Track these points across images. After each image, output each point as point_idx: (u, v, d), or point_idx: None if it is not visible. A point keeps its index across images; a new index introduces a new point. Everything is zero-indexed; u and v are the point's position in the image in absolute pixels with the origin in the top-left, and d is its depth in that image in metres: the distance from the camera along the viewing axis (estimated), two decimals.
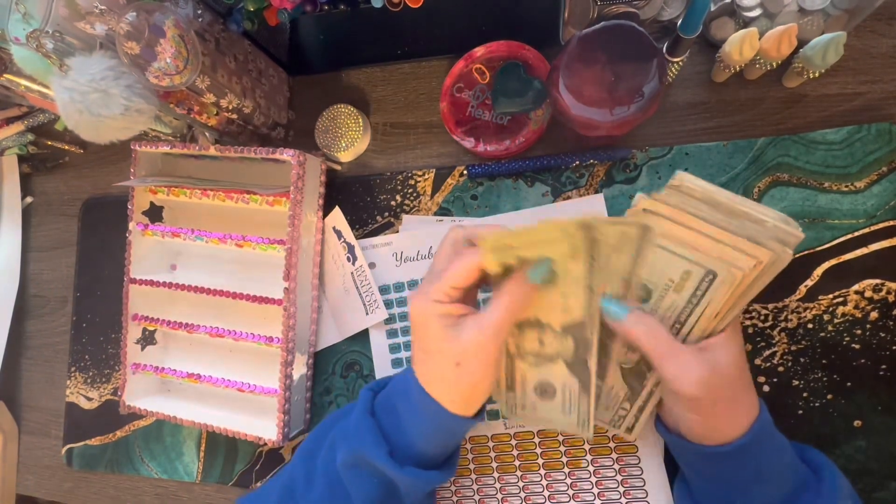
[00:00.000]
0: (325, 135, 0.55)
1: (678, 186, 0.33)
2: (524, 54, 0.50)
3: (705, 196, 0.33)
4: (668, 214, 0.33)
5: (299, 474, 0.41)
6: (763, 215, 0.32)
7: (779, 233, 0.32)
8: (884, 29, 0.45)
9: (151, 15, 0.40)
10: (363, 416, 0.38)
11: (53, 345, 0.64)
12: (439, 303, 0.35)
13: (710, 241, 0.32)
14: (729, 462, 0.34)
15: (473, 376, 0.35)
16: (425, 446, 0.37)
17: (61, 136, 0.66)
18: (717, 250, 0.32)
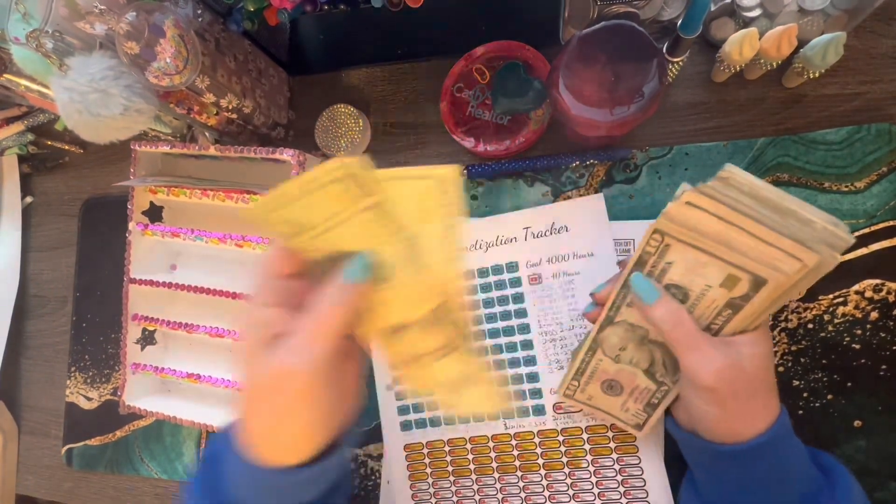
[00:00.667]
0: (325, 135, 0.55)
1: (726, 178, 0.31)
2: (524, 54, 0.50)
3: (753, 191, 0.31)
4: (714, 210, 0.31)
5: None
6: (811, 215, 0.30)
7: (827, 236, 0.30)
8: (884, 29, 0.45)
9: (151, 15, 0.40)
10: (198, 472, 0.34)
11: (53, 345, 0.64)
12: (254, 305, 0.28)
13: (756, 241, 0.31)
14: (742, 463, 0.34)
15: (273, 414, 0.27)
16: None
17: (61, 136, 0.66)
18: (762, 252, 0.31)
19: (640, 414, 0.41)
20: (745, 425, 0.33)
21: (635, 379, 0.39)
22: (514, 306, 0.49)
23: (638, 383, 0.39)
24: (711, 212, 0.31)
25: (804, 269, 0.30)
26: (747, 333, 0.34)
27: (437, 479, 0.49)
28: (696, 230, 0.32)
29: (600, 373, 0.40)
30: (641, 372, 0.39)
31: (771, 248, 0.30)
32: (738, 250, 0.31)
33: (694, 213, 0.32)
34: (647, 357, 0.38)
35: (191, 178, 0.55)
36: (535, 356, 0.48)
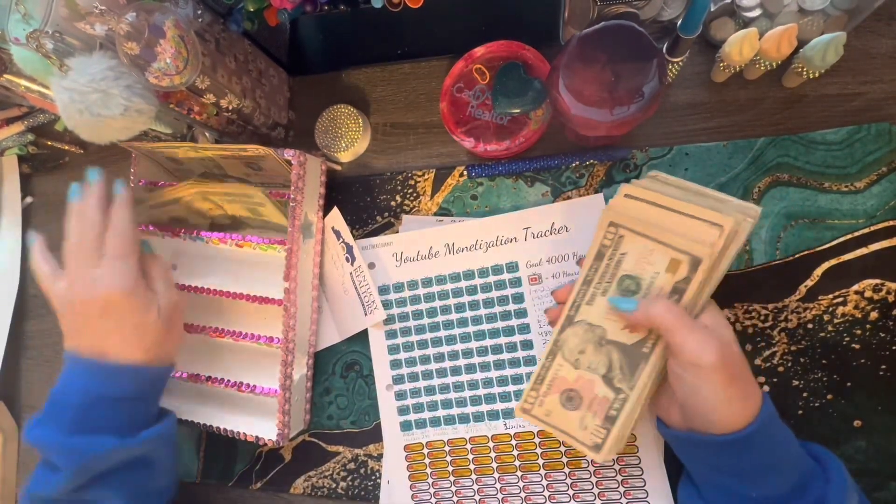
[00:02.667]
0: (325, 135, 0.55)
1: (655, 177, 0.40)
2: (524, 54, 0.50)
3: (677, 183, 0.39)
4: (646, 197, 0.37)
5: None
6: (727, 197, 0.37)
7: (740, 207, 0.36)
8: (883, 29, 0.45)
9: (151, 15, 0.40)
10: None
11: (53, 345, 0.64)
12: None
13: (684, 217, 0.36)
14: (738, 451, 0.34)
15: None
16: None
17: (61, 136, 0.66)
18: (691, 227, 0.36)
19: (599, 431, 0.38)
20: (742, 408, 0.34)
21: (594, 387, 0.38)
22: (514, 306, 0.49)
23: (596, 392, 0.38)
24: (647, 200, 0.37)
25: (723, 233, 0.34)
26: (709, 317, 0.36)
27: (438, 479, 0.49)
28: (638, 218, 0.37)
29: (559, 381, 0.39)
30: (600, 378, 0.38)
31: (696, 221, 0.36)
32: (673, 230, 0.36)
33: (633, 204, 0.38)
34: (605, 361, 0.38)
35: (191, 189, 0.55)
36: (535, 356, 0.48)
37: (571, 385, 0.39)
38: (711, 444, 0.36)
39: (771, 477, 0.35)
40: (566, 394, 0.39)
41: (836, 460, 0.36)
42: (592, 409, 0.38)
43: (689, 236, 0.36)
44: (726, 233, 0.34)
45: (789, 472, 0.35)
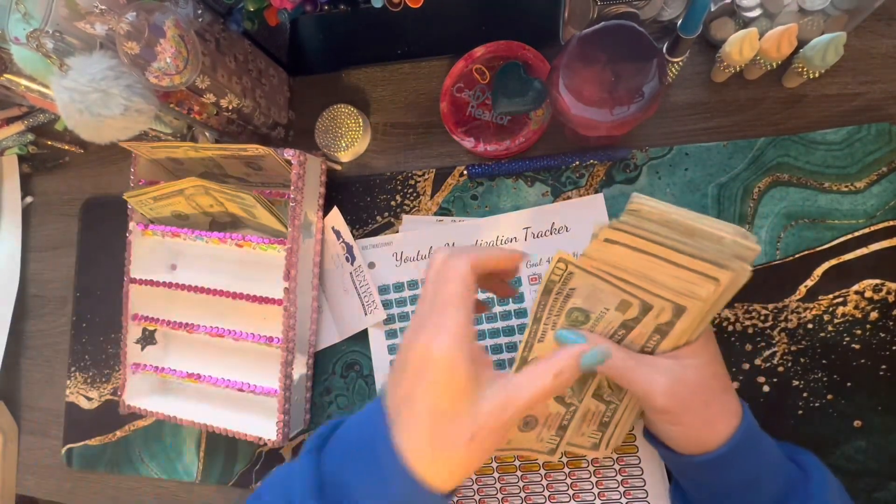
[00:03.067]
0: (325, 135, 0.55)
1: (637, 211, 0.32)
2: (524, 54, 0.50)
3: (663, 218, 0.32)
4: (629, 243, 0.32)
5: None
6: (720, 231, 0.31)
7: (737, 248, 0.31)
8: (884, 29, 0.45)
9: (151, 15, 0.40)
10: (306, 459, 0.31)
11: (53, 345, 0.64)
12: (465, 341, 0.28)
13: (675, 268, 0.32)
14: (715, 470, 0.34)
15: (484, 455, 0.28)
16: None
17: (61, 136, 0.66)
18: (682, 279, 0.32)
19: (553, 439, 0.41)
20: (708, 434, 0.33)
21: (547, 407, 0.39)
22: (514, 306, 0.49)
23: (550, 410, 0.39)
24: (628, 245, 0.32)
25: (719, 288, 0.31)
26: (689, 346, 0.34)
27: None
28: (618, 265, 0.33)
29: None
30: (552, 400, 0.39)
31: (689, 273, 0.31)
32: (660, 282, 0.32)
33: (614, 249, 0.33)
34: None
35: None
36: None
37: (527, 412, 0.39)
38: (679, 461, 0.36)
39: (749, 493, 0.34)
40: (524, 420, 0.40)
41: (820, 468, 0.35)
42: (547, 425, 0.40)
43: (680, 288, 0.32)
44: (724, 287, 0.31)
45: (769, 486, 0.34)
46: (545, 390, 0.28)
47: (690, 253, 0.31)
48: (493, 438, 0.28)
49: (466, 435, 0.27)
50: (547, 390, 0.28)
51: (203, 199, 0.51)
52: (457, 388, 0.27)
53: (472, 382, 0.28)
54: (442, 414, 0.27)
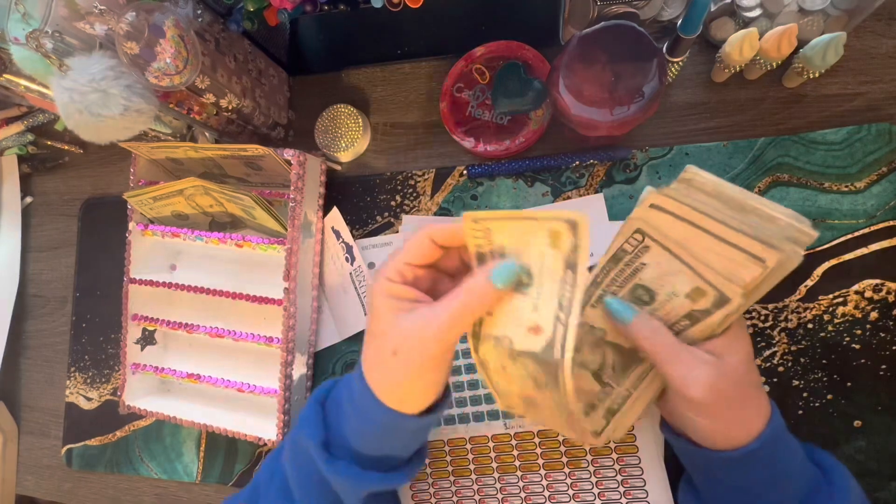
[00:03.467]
0: (325, 135, 0.55)
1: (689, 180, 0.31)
2: (524, 54, 0.50)
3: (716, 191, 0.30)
4: (676, 211, 0.31)
5: (265, 474, 0.40)
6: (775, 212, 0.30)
7: (791, 231, 0.29)
8: (884, 29, 0.45)
9: (151, 15, 0.40)
10: (312, 405, 0.37)
11: (53, 345, 0.64)
12: (391, 281, 0.32)
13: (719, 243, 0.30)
14: (741, 467, 0.33)
15: (409, 369, 0.32)
16: (361, 442, 0.34)
17: (61, 136, 0.66)
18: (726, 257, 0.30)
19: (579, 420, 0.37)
20: (739, 430, 0.33)
21: (580, 381, 0.37)
22: None
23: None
24: (676, 214, 0.31)
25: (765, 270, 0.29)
26: (723, 336, 0.33)
27: (437, 479, 0.49)
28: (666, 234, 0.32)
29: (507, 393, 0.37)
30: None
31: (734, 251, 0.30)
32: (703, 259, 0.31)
33: (658, 216, 0.31)
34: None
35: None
36: None
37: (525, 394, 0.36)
38: (703, 455, 0.35)
39: (772, 493, 0.34)
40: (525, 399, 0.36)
41: (841, 472, 0.35)
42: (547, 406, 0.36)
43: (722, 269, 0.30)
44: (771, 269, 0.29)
45: (792, 487, 0.34)
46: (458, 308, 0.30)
47: (739, 229, 0.29)
48: (415, 354, 0.31)
49: (389, 349, 0.32)
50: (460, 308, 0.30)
51: (203, 199, 0.51)
52: (383, 314, 0.32)
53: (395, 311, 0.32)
54: (372, 334, 0.34)
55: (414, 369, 0.32)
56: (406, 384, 0.33)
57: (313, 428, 0.35)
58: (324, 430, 0.35)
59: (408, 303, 0.32)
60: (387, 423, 0.34)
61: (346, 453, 0.34)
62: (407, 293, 0.32)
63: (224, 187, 0.48)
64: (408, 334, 0.31)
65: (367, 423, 0.34)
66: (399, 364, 0.32)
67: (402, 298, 0.32)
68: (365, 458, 0.35)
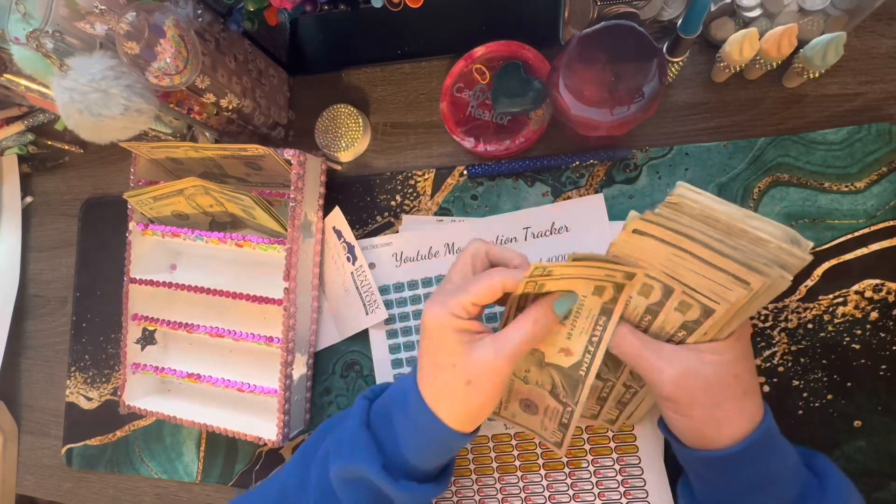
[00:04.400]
0: (325, 135, 0.55)
1: (675, 204, 0.31)
2: (524, 54, 0.50)
3: (704, 213, 0.30)
4: (660, 236, 0.31)
5: (292, 480, 0.41)
6: (766, 234, 0.29)
7: (780, 254, 0.29)
8: (884, 29, 0.45)
9: (151, 15, 0.40)
10: (358, 429, 0.37)
11: (53, 345, 0.64)
12: (457, 317, 0.34)
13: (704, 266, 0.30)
14: (721, 468, 0.34)
15: (483, 396, 0.34)
16: (420, 461, 0.36)
17: (61, 136, 0.66)
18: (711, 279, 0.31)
19: (556, 433, 0.41)
20: (714, 432, 0.33)
21: (545, 399, 0.39)
22: None
23: (548, 404, 0.40)
24: (658, 237, 0.31)
25: (750, 292, 0.29)
26: (718, 342, 0.33)
27: None
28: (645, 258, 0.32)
29: (515, 391, 0.41)
30: (547, 393, 0.39)
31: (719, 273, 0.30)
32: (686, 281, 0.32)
33: (642, 241, 0.32)
34: (549, 379, 0.38)
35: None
36: None
37: (526, 395, 0.41)
38: (688, 454, 0.35)
39: (758, 495, 0.34)
40: (524, 402, 0.41)
41: (838, 477, 0.35)
42: (548, 416, 0.40)
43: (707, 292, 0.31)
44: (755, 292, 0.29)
45: (781, 491, 0.34)
46: (526, 336, 0.34)
47: (722, 252, 0.29)
48: (488, 382, 0.34)
49: (463, 380, 0.34)
50: (528, 336, 0.34)
51: (203, 199, 0.51)
52: (450, 349, 0.34)
53: (462, 343, 0.34)
54: (440, 367, 0.35)
55: (489, 395, 0.34)
56: (481, 410, 0.35)
57: (369, 454, 0.36)
58: (380, 454, 0.36)
59: (473, 334, 0.35)
60: (451, 443, 0.36)
61: (406, 473, 0.36)
62: (474, 327, 0.35)
63: (224, 187, 0.48)
64: (481, 364, 0.34)
65: (432, 446, 0.36)
66: (474, 392, 0.34)
67: (468, 331, 0.35)
68: (421, 473, 0.37)
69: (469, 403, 0.35)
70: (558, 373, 0.37)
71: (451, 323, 0.34)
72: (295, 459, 0.42)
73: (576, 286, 0.35)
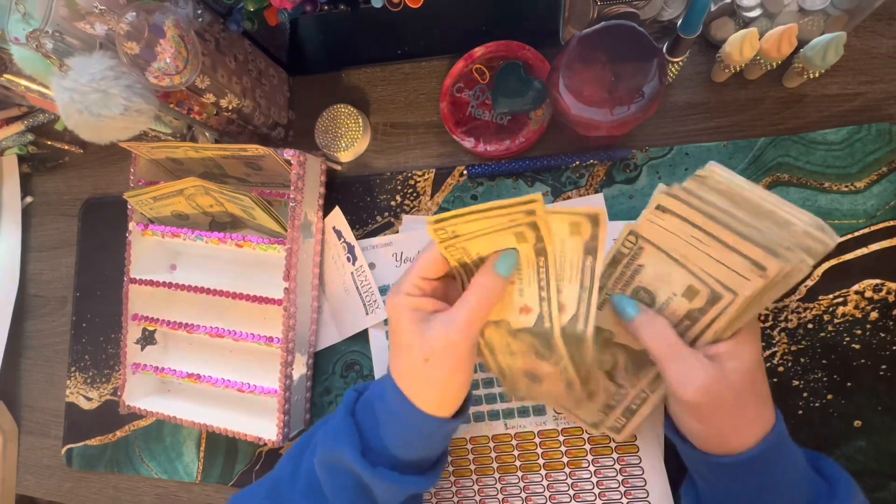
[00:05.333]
0: (325, 135, 0.55)
1: (704, 178, 0.30)
2: (524, 54, 0.50)
3: (731, 191, 0.30)
4: (684, 214, 0.31)
5: (286, 472, 0.41)
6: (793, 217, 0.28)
7: (805, 239, 0.28)
8: (884, 29, 0.45)
9: (151, 15, 0.40)
10: (343, 416, 0.38)
11: (53, 345, 0.64)
12: (410, 296, 0.35)
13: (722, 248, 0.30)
14: (735, 473, 0.34)
15: (443, 372, 0.34)
16: (400, 448, 0.36)
17: (61, 136, 0.66)
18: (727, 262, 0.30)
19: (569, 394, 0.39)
20: (734, 438, 0.33)
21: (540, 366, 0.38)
22: None
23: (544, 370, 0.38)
24: (681, 216, 0.31)
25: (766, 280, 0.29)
26: (730, 341, 0.33)
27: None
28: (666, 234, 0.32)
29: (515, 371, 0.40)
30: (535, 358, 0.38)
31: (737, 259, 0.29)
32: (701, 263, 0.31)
33: (664, 218, 0.32)
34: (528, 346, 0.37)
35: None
36: None
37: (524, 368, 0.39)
38: (699, 458, 0.35)
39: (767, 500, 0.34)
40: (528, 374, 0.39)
41: (847, 483, 0.35)
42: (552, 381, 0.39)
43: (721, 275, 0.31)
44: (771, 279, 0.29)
45: (791, 497, 0.34)
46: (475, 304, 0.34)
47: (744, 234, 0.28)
48: (446, 358, 0.34)
49: (420, 357, 0.34)
50: (476, 304, 0.34)
51: (203, 199, 0.51)
52: (404, 328, 0.35)
53: (418, 322, 0.34)
54: (400, 347, 0.36)
55: (447, 371, 0.34)
56: (441, 387, 0.35)
57: (349, 439, 0.36)
58: (360, 440, 0.36)
59: (428, 313, 0.35)
60: (426, 428, 0.36)
61: (385, 460, 0.36)
62: (426, 304, 0.35)
63: (224, 187, 0.48)
64: (435, 340, 0.34)
65: (407, 431, 0.36)
66: (432, 369, 0.34)
67: (422, 310, 0.35)
68: (404, 463, 0.37)
69: (431, 382, 0.35)
70: (528, 335, 0.37)
71: (405, 302, 0.35)
72: (289, 453, 0.42)
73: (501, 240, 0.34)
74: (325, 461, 0.37)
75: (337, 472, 0.37)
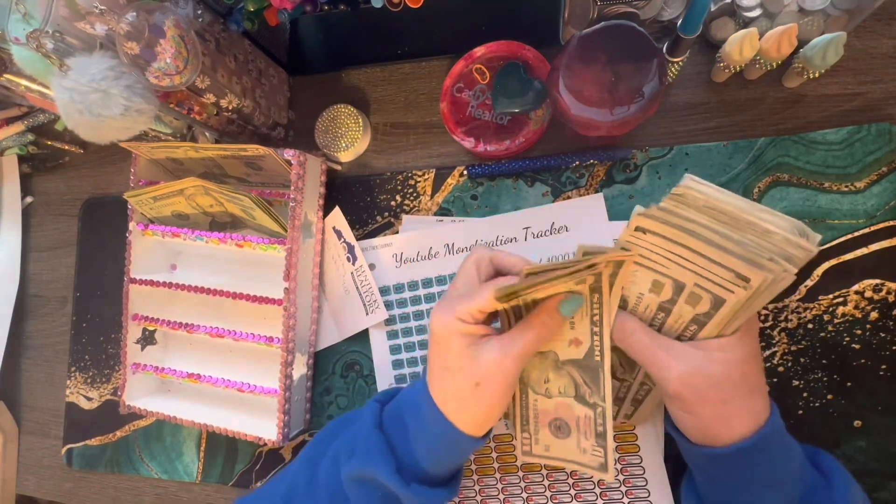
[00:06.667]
0: (325, 135, 0.55)
1: (681, 196, 0.30)
2: (524, 54, 0.50)
3: (709, 205, 0.30)
4: (663, 233, 0.31)
5: (301, 481, 0.41)
6: (773, 225, 0.29)
7: (786, 246, 0.28)
8: (884, 29, 0.45)
9: (151, 15, 0.40)
10: (372, 431, 0.38)
11: (53, 345, 0.64)
12: (463, 322, 0.35)
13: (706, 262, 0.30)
14: (727, 465, 0.34)
15: (492, 398, 0.35)
16: (432, 465, 0.37)
17: (61, 136, 0.66)
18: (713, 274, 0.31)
19: (596, 450, 0.38)
20: (722, 430, 0.33)
21: (573, 409, 0.38)
22: None
23: (577, 414, 0.38)
24: (661, 234, 0.31)
25: (750, 291, 0.29)
26: (726, 337, 0.33)
27: None
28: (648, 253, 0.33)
29: (542, 415, 0.40)
30: (573, 400, 0.38)
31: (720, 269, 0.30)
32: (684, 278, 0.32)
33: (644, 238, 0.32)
34: (570, 381, 0.38)
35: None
36: None
37: (553, 414, 0.40)
38: (694, 451, 0.35)
39: (764, 492, 0.34)
40: (553, 423, 0.40)
41: (844, 476, 0.35)
42: (582, 431, 0.39)
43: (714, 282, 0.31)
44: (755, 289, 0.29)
45: (787, 489, 0.34)
46: (533, 338, 0.35)
47: (724, 248, 0.29)
48: (496, 383, 0.34)
49: (471, 381, 0.35)
50: (534, 337, 0.35)
51: (203, 199, 0.51)
52: (456, 352, 0.35)
53: (469, 346, 0.35)
54: (449, 370, 0.36)
55: (497, 396, 0.35)
56: (487, 411, 0.36)
57: (382, 458, 0.36)
58: (393, 457, 0.37)
59: (478, 337, 0.35)
60: (460, 447, 0.37)
61: (417, 476, 0.37)
62: (479, 330, 0.36)
63: (224, 187, 0.48)
64: (488, 366, 0.34)
65: (443, 448, 0.37)
66: (482, 394, 0.35)
67: (475, 335, 0.35)
68: (433, 477, 0.37)
69: (478, 405, 0.35)
70: (576, 368, 0.37)
71: (458, 327, 0.35)
72: (301, 459, 0.42)
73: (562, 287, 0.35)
74: (354, 477, 0.37)
75: (368, 489, 0.37)
